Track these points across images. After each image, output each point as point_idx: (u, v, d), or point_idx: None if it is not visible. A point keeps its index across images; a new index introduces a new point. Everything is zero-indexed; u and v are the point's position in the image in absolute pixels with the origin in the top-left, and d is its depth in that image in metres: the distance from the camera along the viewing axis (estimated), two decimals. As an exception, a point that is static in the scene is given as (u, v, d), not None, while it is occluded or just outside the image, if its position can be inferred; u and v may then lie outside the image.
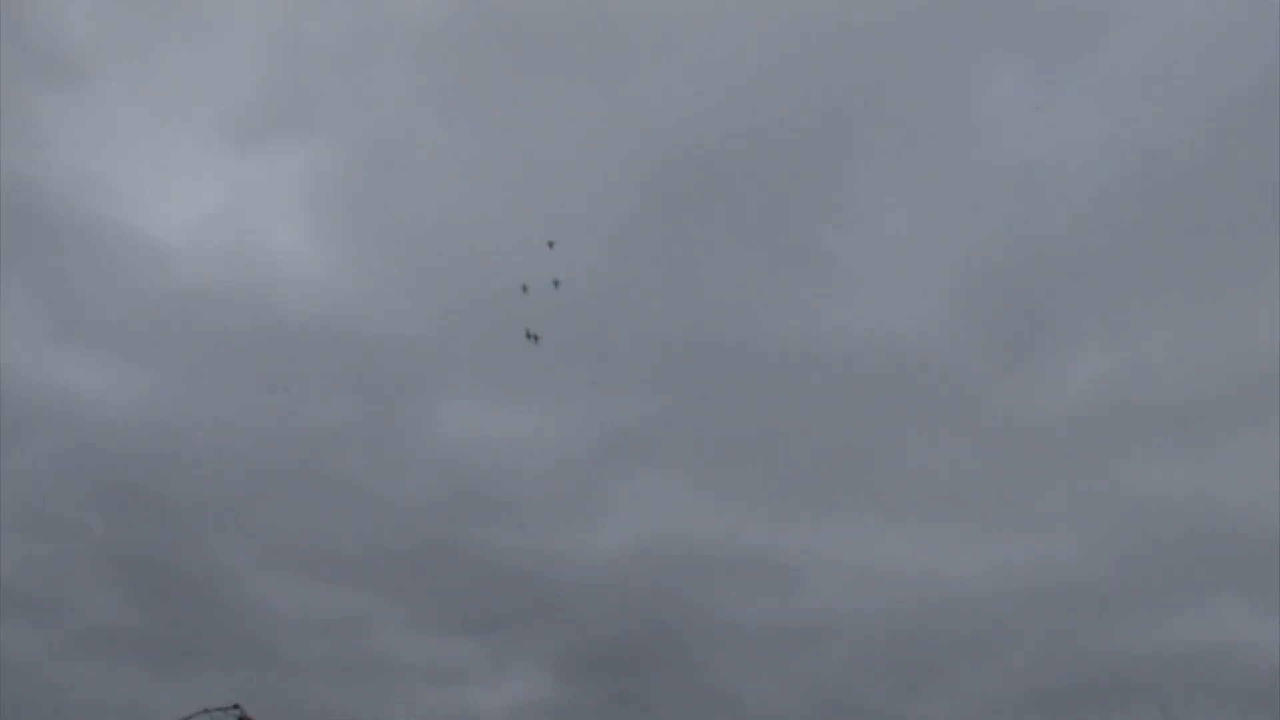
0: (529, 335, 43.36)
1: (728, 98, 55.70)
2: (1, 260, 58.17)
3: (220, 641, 55.63)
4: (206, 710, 39.16)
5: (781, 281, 56.23)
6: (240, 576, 57.50)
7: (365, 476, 58.45)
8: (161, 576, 55.34)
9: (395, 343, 58.38)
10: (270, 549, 58.11)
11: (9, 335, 57.00)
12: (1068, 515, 54.22)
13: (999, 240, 54.56)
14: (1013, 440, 54.28)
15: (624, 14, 55.52)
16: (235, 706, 39.43)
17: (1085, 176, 53.91)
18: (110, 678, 51.33)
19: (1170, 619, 54.38)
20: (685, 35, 55.48)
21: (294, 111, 61.31)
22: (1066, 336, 54.63)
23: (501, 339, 58.18)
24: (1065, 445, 53.80)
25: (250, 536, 57.92)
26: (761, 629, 56.61)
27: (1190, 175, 52.16)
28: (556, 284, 43.50)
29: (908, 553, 55.24)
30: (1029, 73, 55.09)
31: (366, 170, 60.73)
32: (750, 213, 51.73)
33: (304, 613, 58.35)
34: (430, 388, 59.12)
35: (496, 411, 59.05)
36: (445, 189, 60.20)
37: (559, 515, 58.04)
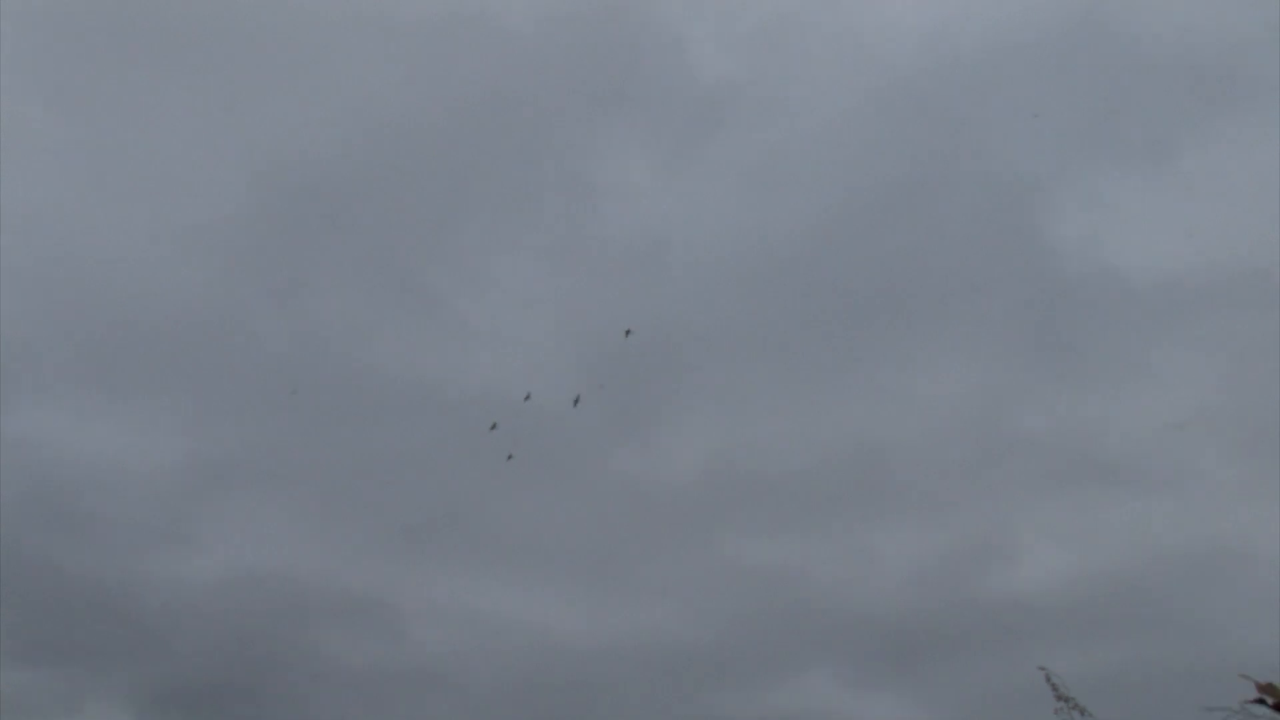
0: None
1: (351, 127, 55.19)
2: None
3: None
4: None
5: (393, 320, 55.64)
6: None
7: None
8: None
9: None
10: None
11: None
12: (674, 582, 55.58)
13: (619, 308, 56.14)
14: (624, 504, 55.40)
15: (256, 27, 54.24)
16: None
17: (705, 256, 56.56)
18: None
19: (767, 689, 56.38)
20: (317, 58, 54.81)
21: None
22: (680, 407, 56.69)
23: (94, 344, 54.72)
24: (674, 513, 55.37)
25: None
26: (364, 671, 54.74)
27: (798, 267, 55.53)
28: (628, 333, 40.24)
29: (517, 606, 55.05)
30: (655, 149, 57.69)
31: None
32: (365, 246, 51.15)
33: None
34: (7, 385, 54.43)
35: (83, 419, 54.97)
36: (43, 176, 56.28)
37: (148, 537, 54.31)
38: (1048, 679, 7.75)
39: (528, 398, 40.16)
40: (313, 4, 53.19)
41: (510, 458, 39.79)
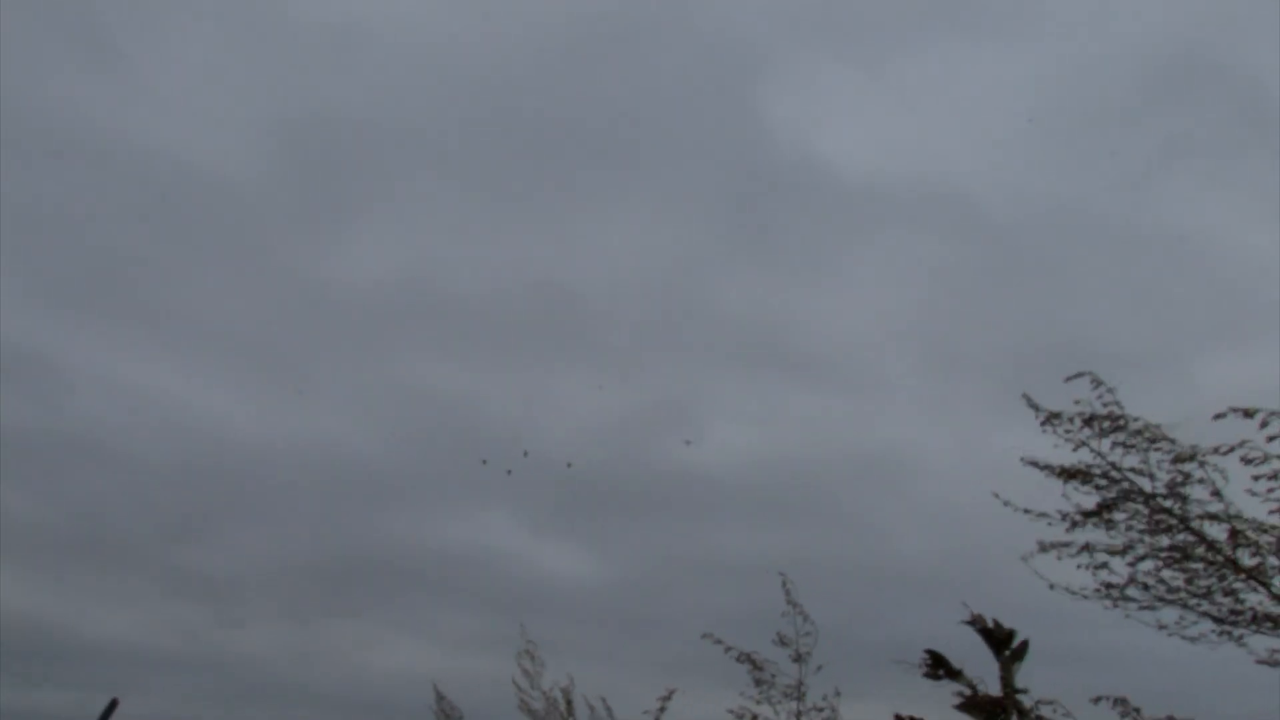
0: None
1: None
2: None
3: None
4: None
5: (60, 58, 53.12)
6: None
7: None
8: None
9: None
10: None
11: None
12: (349, 392, 55.29)
13: (314, 92, 54.80)
14: (305, 304, 55.00)
15: None
16: None
17: (407, 52, 54.92)
18: None
19: (440, 520, 56.56)
20: None
21: None
22: (369, 210, 55.66)
23: None
24: (357, 324, 54.92)
25: None
26: (21, 436, 53.69)
27: (503, 83, 53.93)
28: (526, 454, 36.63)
29: (185, 388, 53.82)
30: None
31: None
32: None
33: None
34: None
35: None
36: None
37: None
38: (784, 584, 8.26)
39: (526, 454, 36.43)
40: None
41: (510, 473, 36.05)
